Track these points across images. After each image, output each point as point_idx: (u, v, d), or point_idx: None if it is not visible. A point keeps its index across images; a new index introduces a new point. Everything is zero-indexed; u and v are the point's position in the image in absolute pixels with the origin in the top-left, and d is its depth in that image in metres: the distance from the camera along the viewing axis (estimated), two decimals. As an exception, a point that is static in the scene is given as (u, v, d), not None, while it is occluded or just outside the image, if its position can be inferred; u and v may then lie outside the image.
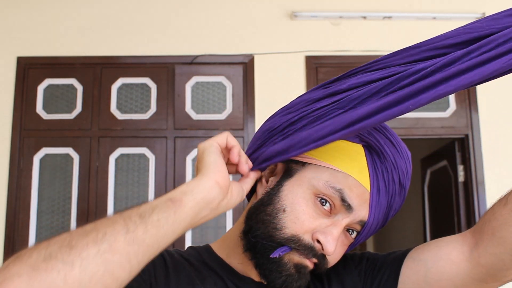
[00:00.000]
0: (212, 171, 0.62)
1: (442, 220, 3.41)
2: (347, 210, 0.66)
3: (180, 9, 2.98)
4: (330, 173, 0.67)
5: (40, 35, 2.93)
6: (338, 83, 0.68)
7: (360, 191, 0.66)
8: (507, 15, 0.60)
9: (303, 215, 0.66)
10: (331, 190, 0.66)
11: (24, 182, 2.77)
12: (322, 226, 0.66)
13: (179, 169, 2.81)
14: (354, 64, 2.97)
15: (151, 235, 0.53)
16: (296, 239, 0.65)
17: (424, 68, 0.60)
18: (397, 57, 0.64)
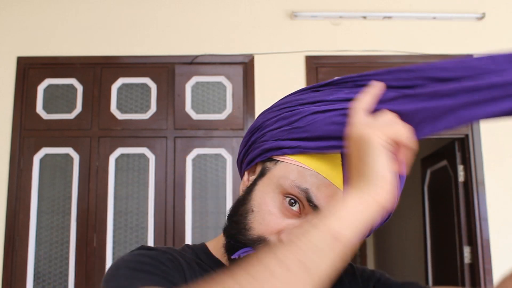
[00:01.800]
0: (384, 189, 0.52)
1: (442, 220, 3.41)
2: (315, 211, 0.61)
3: (180, 9, 2.98)
4: (298, 171, 0.63)
5: (40, 35, 2.93)
6: (327, 90, 0.65)
7: (331, 191, 0.62)
8: (508, 61, 0.56)
9: (268, 216, 0.63)
10: (297, 189, 0.62)
11: (24, 182, 2.77)
12: (290, 227, 0.62)
13: (179, 169, 2.81)
14: (354, 64, 2.99)
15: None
16: (262, 240, 0.63)
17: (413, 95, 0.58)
18: (389, 76, 0.60)
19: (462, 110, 0.54)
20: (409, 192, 4.61)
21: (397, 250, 5.22)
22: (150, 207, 2.77)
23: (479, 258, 2.78)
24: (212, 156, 2.84)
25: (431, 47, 2.95)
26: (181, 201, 2.77)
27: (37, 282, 2.70)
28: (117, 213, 2.77)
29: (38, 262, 2.72)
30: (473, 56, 0.59)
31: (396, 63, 2.95)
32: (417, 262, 4.37)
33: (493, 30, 2.98)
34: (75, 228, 2.74)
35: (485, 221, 2.79)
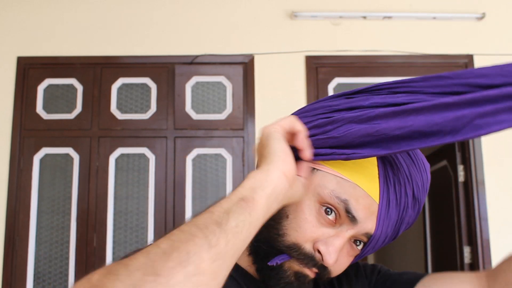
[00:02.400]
0: (279, 161, 0.58)
1: (442, 220, 3.41)
2: (352, 222, 0.63)
3: (180, 9, 2.98)
4: (337, 181, 0.64)
5: (40, 35, 2.93)
6: (361, 97, 0.64)
7: (368, 202, 0.63)
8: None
9: (305, 224, 0.63)
10: (336, 200, 0.63)
11: (24, 182, 2.77)
12: (325, 236, 0.63)
13: (179, 169, 2.81)
14: (354, 64, 2.99)
15: (232, 244, 0.49)
16: (297, 247, 0.63)
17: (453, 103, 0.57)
18: (426, 83, 0.60)
19: (504, 115, 0.54)
20: (409, 192, 4.61)
21: (397, 250, 5.22)
22: (150, 207, 2.77)
23: (479, 258, 2.78)
24: (212, 156, 2.84)
25: (431, 47, 2.95)
26: (181, 201, 2.77)
27: (37, 282, 2.70)
28: (117, 213, 2.77)
29: (38, 262, 2.72)
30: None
31: (396, 63, 2.95)
32: (417, 262, 4.37)
33: (493, 30, 2.98)
34: (75, 228, 2.74)
35: (485, 221, 2.79)
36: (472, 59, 2.95)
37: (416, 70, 2.96)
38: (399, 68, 2.96)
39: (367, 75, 2.95)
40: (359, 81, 2.95)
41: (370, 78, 2.94)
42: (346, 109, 0.64)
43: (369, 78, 2.94)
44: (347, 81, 2.95)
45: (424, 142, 0.57)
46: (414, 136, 0.57)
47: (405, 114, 0.58)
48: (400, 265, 5.16)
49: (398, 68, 2.96)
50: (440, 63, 2.96)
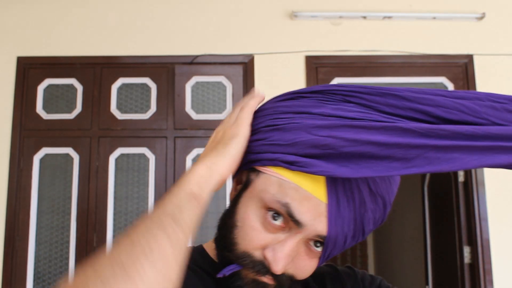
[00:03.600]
0: (226, 166, 0.61)
1: (442, 220, 3.41)
2: (297, 226, 0.59)
3: (180, 9, 2.98)
4: (279, 184, 0.60)
5: (40, 35, 2.93)
6: (314, 100, 0.61)
7: (313, 204, 0.59)
8: (508, 111, 0.54)
9: (252, 231, 0.61)
10: (277, 204, 0.59)
11: (24, 182, 2.77)
12: (274, 242, 0.60)
13: (179, 169, 2.81)
14: (354, 64, 2.99)
15: (188, 237, 0.54)
16: (247, 256, 0.61)
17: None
18: (382, 99, 0.58)
19: (456, 153, 0.53)
20: (409, 192, 4.61)
21: (397, 250, 5.22)
22: (150, 207, 2.77)
23: (479, 258, 2.78)
24: (212, 156, 2.84)
25: (431, 47, 2.95)
26: (181, 201, 2.77)
27: (37, 282, 2.70)
28: (117, 213, 2.77)
29: (38, 262, 2.72)
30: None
31: (396, 63, 2.95)
32: (417, 262, 4.37)
33: (493, 30, 2.98)
34: (75, 228, 2.74)
35: (485, 221, 2.79)
36: (472, 59, 2.95)
37: (416, 70, 2.96)
38: (399, 68, 2.96)
39: (367, 75, 2.95)
40: (359, 81, 2.95)
41: (370, 78, 2.95)
42: (295, 112, 0.61)
43: (369, 78, 2.95)
44: (347, 81, 2.95)
45: (372, 168, 0.55)
46: (363, 157, 0.55)
47: (355, 130, 0.56)
48: (400, 265, 5.16)
49: (398, 68, 2.96)
50: (440, 63, 2.96)
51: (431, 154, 0.53)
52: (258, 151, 0.62)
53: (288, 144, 0.59)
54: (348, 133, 0.56)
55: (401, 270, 5.09)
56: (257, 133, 0.63)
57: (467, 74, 2.94)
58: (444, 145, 0.52)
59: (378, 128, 0.55)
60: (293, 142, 0.58)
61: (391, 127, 0.54)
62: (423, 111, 0.55)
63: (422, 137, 0.53)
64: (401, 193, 3.63)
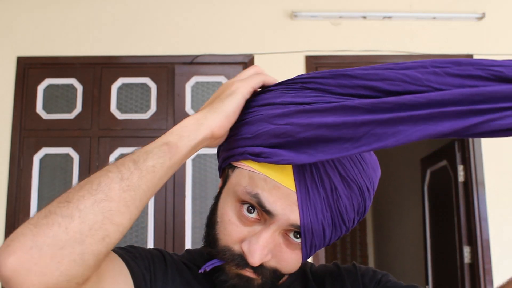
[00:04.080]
0: (217, 120, 0.60)
1: (442, 220, 3.41)
2: (269, 216, 0.60)
3: (180, 9, 2.98)
4: (249, 177, 0.61)
5: (40, 35, 2.93)
6: (277, 91, 0.63)
7: (283, 193, 0.59)
8: (450, 74, 0.52)
9: (229, 225, 0.62)
10: (248, 196, 0.60)
11: (24, 182, 2.77)
12: (251, 235, 0.61)
13: (179, 169, 2.81)
14: (354, 64, 2.99)
15: (146, 180, 0.54)
16: (227, 250, 0.62)
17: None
18: (332, 81, 0.58)
19: (400, 126, 0.51)
20: (409, 192, 4.61)
21: (397, 250, 5.22)
22: (150, 207, 2.77)
23: (479, 258, 2.78)
24: (212, 156, 2.84)
25: (431, 47, 2.95)
26: (181, 201, 2.77)
27: (37, 282, 2.70)
28: (117, 213, 2.77)
29: (38, 262, 2.72)
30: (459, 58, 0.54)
31: (396, 63, 2.95)
32: (417, 262, 4.37)
33: (493, 30, 2.98)
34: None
35: (485, 221, 2.79)
36: (472, 59, 2.95)
37: (416, 70, 2.96)
38: (399, 68, 2.96)
39: (367, 75, 2.94)
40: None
41: (370, 78, 2.94)
42: (260, 105, 0.62)
43: (369, 78, 2.94)
44: (347, 81, 2.94)
45: (326, 151, 0.55)
46: (319, 141, 0.55)
47: (308, 115, 0.56)
48: (400, 265, 5.16)
49: (398, 68, 2.96)
50: (440, 63, 2.96)
51: (378, 130, 0.52)
52: (231, 147, 0.63)
53: (253, 136, 0.60)
54: (302, 119, 0.56)
55: (401, 270, 5.09)
56: (232, 130, 0.64)
57: (467, 74, 2.94)
58: (388, 119, 0.51)
59: (327, 109, 0.55)
60: (257, 133, 0.60)
61: (338, 107, 0.54)
62: (371, 87, 0.55)
63: (367, 113, 0.52)
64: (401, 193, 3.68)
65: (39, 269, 0.46)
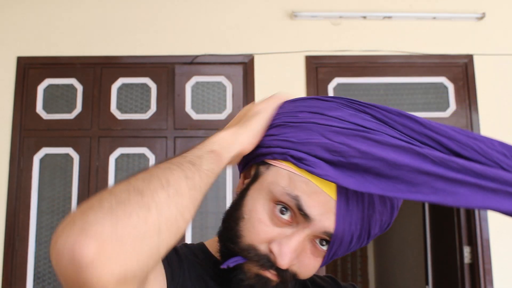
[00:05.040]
0: (248, 138, 0.62)
1: (442, 220, 3.41)
2: (306, 220, 0.59)
3: (179, 9, 2.98)
4: (289, 178, 0.60)
5: (40, 35, 2.93)
6: (331, 103, 0.63)
7: (323, 199, 0.59)
8: (500, 152, 0.55)
9: (258, 224, 0.61)
10: (287, 197, 0.59)
11: (24, 182, 2.77)
12: (281, 236, 0.60)
13: (179, 169, 2.81)
14: (354, 64, 2.99)
15: (205, 183, 0.54)
16: (252, 248, 0.61)
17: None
18: (397, 118, 0.59)
19: (461, 188, 0.53)
20: (409, 192, 4.60)
21: (397, 250, 5.22)
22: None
23: (479, 258, 2.77)
24: (212, 156, 2.84)
25: (431, 47, 2.95)
26: (181, 201, 2.77)
27: (37, 282, 2.70)
28: (117, 213, 2.77)
29: (38, 262, 2.72)
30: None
31: (396, 63, 2.95)
32: (417, 262, 4.37)
33: (493, 30, 2.98)
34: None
35: (485, 221, 2.79)
36: (472, 59, 2.95)
37: (416, 70, 2.96)
38: (399, 68, 2.96)
39: (367, 75, 2.95)
40: (359, 81, 2.95)
41: (370, 78, 2.95)
42: (311, 112, 0.62)
43: (369, 78, 2.95)
44: (347, 81, 2.95)
45: (377, 185, 0.55)
46: (371, 172, 0.55)
47: (369, 143, 0.56)
48: (400, 265, 5.16)
49: (398, 68, 2.96)
50: (440, 63, 2.96)
51: (438, 184, 0.53)
52: (269, 145, 0.63)
53: (300, 142, 0.60)
54: (361, 144, 0.56)
55: (401, 270, 5.09)
56: (271, 129, 0.64)
57: (467, 74, 2.94)
58: (452, 178, 0.52)
59: (392, 145, 0.55)
60: (306, 141, 0.59)
61: (405, 147, 0.55)
62: (437, 141, 0.56)
63: (433, 165, 0.53)
64: (401, 193, 3.57)
65: (120, 259, 0.44)
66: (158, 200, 0.48)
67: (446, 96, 2.95)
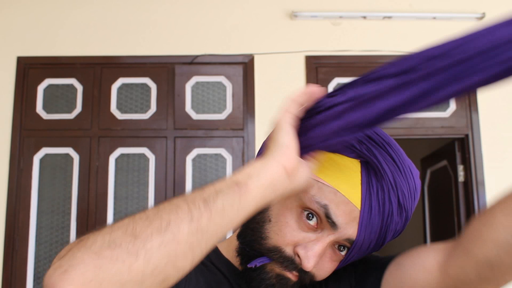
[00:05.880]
0: (280, 153, 0.58)
1: (442, 220, 3.41)
2: (332, 227, 0.63)
3: (180, 9, 2.98)
4: (318, 187, 0.64)
5: (40, 35, 2.93)
6: (340, 94, 0.65)
7: (349, 208, 0.63)
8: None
9: (285, 228, 0.64)
10: (316, 205, 0.63)
11: (24, 182, 2.77)
12: (306, 240, 0.64)
13: (179, 169, 2.81)
14: (354, 64, 2.99)
15: (215, 223, 0.51)
16: (278, 250, 0.64)
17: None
18: (392, 67, 0.62)
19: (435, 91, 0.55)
20: (409, 192, 4.60)
21: (397, 250, 5.22)
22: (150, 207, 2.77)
23: (479, 258, 2.77)
24: (212, 156, 2.84)
25: (431, 47, 2.95)
26: (181, 201, 2.77)
27: (37, 282, 2.70)
28: (117, 213, 2.77)
29: (38, 262, 2.72)
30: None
31: (396, 63, 2.95)
32: (417, 262, 4.36)
33: (493, 30, 2.98)
34: (75, 228, 2.74)
35: (485, 221, 2.79)
36: (472, 59, 2.95)
37: (416, 70, 2.96)
38: (399, 68, 2.96)
39: (367, 75, 2.94)
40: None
41: (370, 78, 2.94)
42: (325, 109, 0.63)
43: (369, 78, 2.94)
44: (347, 81, 2.94)
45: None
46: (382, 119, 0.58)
47: (370, 102, 0.59)
48: (400, 265, 5.15)
49: (398, 68, 2.96)
50: (440, 63, 2.96)
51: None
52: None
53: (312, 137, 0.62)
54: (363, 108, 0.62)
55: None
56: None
57: (467, 74, 2.94)
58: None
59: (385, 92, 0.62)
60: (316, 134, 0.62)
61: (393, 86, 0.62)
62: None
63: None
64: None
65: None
66: (150, 247, 0.47)
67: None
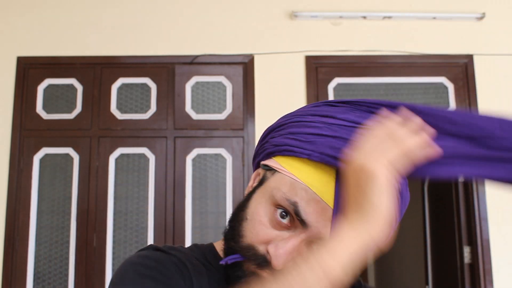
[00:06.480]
0: (375, 225, 0.53)
1: (442, 220, 3.41)
2: (302, 225, 0.61)
3: (180, 9, 2.98)
4: (291, 184, 0.63)
5: (40, 35, 2.93)
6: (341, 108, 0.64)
7: (320, 207, 0.61)
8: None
9: (259, 226, 0.64)
10: (286, 202, 0.62)
11: (24, 182, 2.77)
12: (279, 239, 0.63)
13: (179, 169, 2.81)
14: (354, 64, 2.99)
15: None
16: (251, 248, 0.64)
17: None
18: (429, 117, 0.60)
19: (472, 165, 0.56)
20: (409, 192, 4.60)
21: (397, 250, 5.22)
22: (150, 207, 2.77)
23: (479, 258, 2.77)
24: (212, 156, 2.84)
25: (431, 47, 2.95)
26: (181, 201, 2.77)
27: (37, 282, 2.70)
28: (117, 213, 2.77)
29: (38, 262, 2.72)
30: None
31: (396, 63, 2.95)
32: (417, 262, 4.37)
33: (493, 30, 2.98)
34: (75, 228, 2.74)
35: (485, 221, 2.79)
36: (472, 59, 2.95)
37: (416, 70, 2.96)
38: (399, 68, 2.96)
39: (367, 75, 2.95)
40: (359, 81, 2.95)
41: (370, 78, 2.95)
42: (321, 115, 0.64)
43: (369, 78, 2.95)
44: (347, 81, 2.95)
45: None
46: None
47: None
48: (400, 265, 5.16)
49: (398, 68, 2.96)
50: (440, 63, 2.96)
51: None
52: (276, 144, 0.66)
53: (303, 141, 0.63)
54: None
55: (401, 270, 5.09)
56: (282, 129, 0.67)
57: (467, 74, 2.94)
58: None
59: None
60: (311, 141, 0.62)
61: None
62: (437, 126, 0.59)
63: None
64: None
65: None
66: None
67: (446, 96, 2.95)
